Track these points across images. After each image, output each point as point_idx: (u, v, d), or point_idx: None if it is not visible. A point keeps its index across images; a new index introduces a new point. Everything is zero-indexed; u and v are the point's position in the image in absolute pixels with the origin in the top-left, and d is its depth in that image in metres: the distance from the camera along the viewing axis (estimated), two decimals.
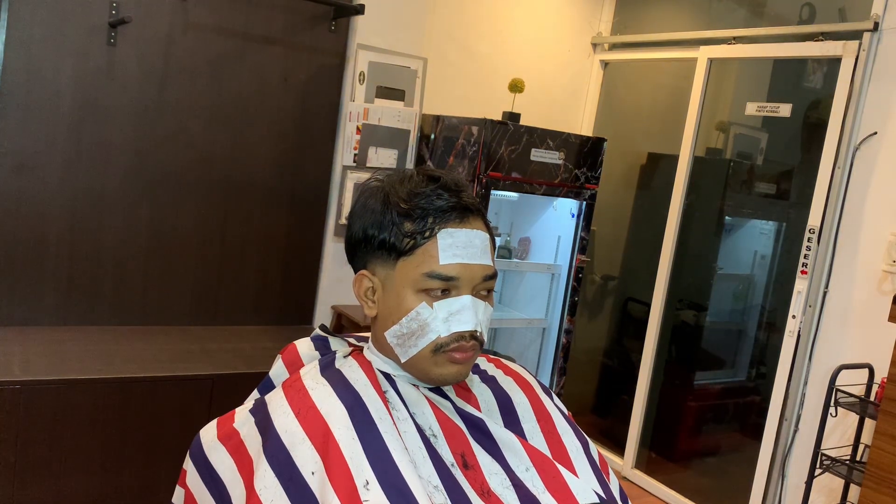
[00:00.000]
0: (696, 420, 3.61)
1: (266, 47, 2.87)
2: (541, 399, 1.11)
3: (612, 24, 3.96)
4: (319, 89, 3.01)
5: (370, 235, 0.99)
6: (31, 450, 2.18)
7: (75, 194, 2.59)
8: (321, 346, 1.13)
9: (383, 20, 3.08)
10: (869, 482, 2.29)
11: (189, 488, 1.02)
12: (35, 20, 2.45)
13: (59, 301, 2.62)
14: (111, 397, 2.28)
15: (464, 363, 0.99)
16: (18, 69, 2.44)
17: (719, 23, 3.54)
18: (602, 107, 4.01)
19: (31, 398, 2.16)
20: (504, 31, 3.63)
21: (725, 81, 3.57)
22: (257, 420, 0.98)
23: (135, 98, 2.65)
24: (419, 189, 0.98)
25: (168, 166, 2.75)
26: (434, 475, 0.93)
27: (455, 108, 3.43)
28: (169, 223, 2.78)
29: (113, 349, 2.49)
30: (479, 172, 2.94)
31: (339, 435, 0.90)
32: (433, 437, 0.97)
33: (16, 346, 2.37)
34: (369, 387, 0.97)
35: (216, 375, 2.45)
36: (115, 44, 2.58)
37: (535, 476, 0.98)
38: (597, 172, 3.30)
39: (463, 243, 0.97)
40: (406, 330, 0.98)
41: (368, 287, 1.02)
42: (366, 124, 3.08)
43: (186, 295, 2.87)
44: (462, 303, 0.97)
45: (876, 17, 2.77)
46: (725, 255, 3.56)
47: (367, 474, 0.87)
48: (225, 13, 2.76)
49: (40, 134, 2.51)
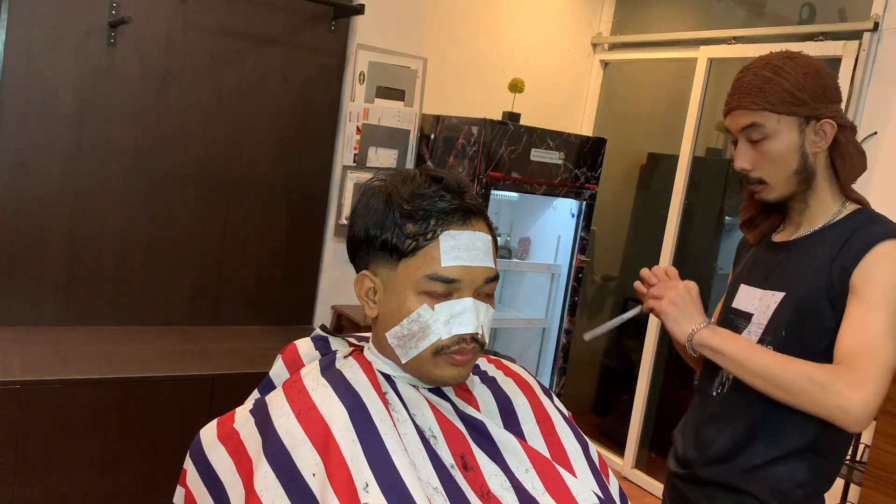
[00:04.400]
0: None
1: (266, 47, 2.87)
2: (541, 400, 1.11)
3: (612, 24, 3.96)
4: (319, 89, 3.01)
5: (372, 236, 0.99)
6: (31, 450, 2.17)
7: (75, 194, 2.59)
8: (321, 346, 1.13)
9: (383, 20, 3.07)
10: (869, 482, 2.29)
11: (189, 488, 1.02)
12: (35, 20, 2.45)
13: (59, 301, 2.62)
14: (111, 397, 2.28)
15: (464, 365, 0.99)
16: (18, 69, 2.44)
17: (719, 23, 3.54)
18: (602, 107, 4.01)
19: (31, 398, 2.16)
20: (504, 31, 3.63)
21: (725, 81, 3.56)
22: (257, 421, 0.98)
23: (135, 98, 2.64)
24: (422, 190, 0.98)
25: (168, 166, 2.75)
26: (434, 477, 0.93)
27: (455, 108, 3.43)
28: (169, 223, 2.78)
29: (113, 349, 2.49)
30: (479, 172, 2.94)
31: (340, 436, 0.90)
32: (433, 438, 0.97)
33: (16, 346, 2.37)
34: (370, 388, 0.97)
35: (216, 375, 2.45)
36: (115, 44, 2.58)
37: (535, 477, 0.98)
38: (597, 172, 3.30)
39: (465, 245, 0.97)
40: (407, 331, 0.98)
41: (370, 287, 1.01)
42: (366, 124, 3.08)
43: (186, 295, 2.87)
44: (463, 305, 0.97)
45: (876, 17, 2.77)
46: (725, 255, 3.56)
47: (366, 476, 0.87)
48: (225, 13, 2.76)
49: (40, 134, 2.51)
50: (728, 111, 1.38)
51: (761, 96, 1.31)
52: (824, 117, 1.31)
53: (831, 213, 1.38)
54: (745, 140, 1.35)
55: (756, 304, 1.40)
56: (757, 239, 1.50)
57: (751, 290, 1.43)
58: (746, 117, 1.33)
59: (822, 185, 1.37)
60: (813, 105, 1.30)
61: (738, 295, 1.46)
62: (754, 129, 1.32)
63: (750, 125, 1.33)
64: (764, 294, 1.39)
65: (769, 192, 1.37)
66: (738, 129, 1.36)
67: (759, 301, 1.40)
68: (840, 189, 1.38)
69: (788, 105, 1.30)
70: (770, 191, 1.37)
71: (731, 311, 1.47)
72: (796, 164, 1.33)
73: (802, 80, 1.30)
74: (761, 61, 1.35)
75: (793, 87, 1.30)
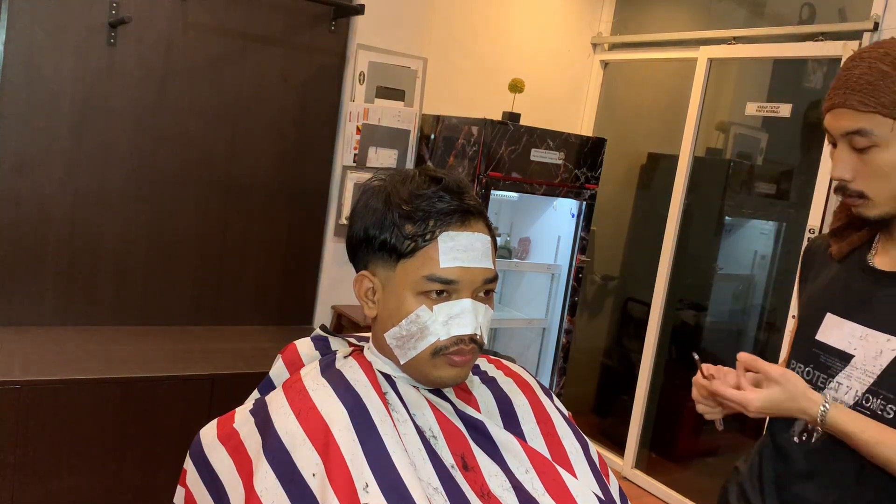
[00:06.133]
0: (696, 420, 3.61)
1: (266, 47, 2.87)
2: (541, 401, 1.11)
3: (612, 24, 3.96)
4: (319, 89, 3.01)
5: (371, 236, 0.99)
6: (31, 450, 2.17)
7: (75, 194, 2.59)
8: (321, 346, 1.13)
9: (383, 20, 3.07)
10: None
11: (189, 488, 1.02)
12: (35, 20, 2.45)
13: (59, 301, 2.62)
14: (111, 397, 2.28)
15: (462, 366, 0.99)
16: (18, 69, 2.44)
17: (719, 23, 3.54)
18: (602, 107, 4.01)
19: (31, 398, 2.16)
20: (504, 31, 3.63)
21: (725, 81, 3.57)
22: (257, 421, 0.98)
23: (135, 98, 2.64)
24: (421, 190, 0.98)
25: (168, 166, 2.75)
26: (434, 477, 0.93)
27: (455, 108, 3.43)
28: (169, 223, 2.78)
29: (113, 349, 2.49)
30: (479, 172, 2.94)
31: (340, 436, 0.90)
32: (433, 438, 0.97)
33: (16, 346, 2.37)
34: (370, 388, 0.97)
35: (216, 375, 2.45)
36: (115, 44, 2.58)
37: (535, 478, 0.98)
38: (597, 172, 3.30)
39: (464, 246, 0.97)
40: (405, 332, 0.98)
41: (369, 288, 1.02)
42: (366, 124, 3.08)
43: (186, 295, 2.87)
44: (462, 306, 0.97)
45: (876, 17, 2.77)
46: (725, 255, 3.56)
47: (366, 476, 0.87)
48: (225, 13, 2.76)
49: (40, 134, 2.51)
50: (830, 107, 1.14)
51: (874, 95, 1.08)
52: None
53: None
54: (848, 145, 1.12)
55: (856, 343, 1.17)
56: (843, 253, 1.26)
57: (845, 324, 1.19)
58: (853, 120, 1.10)
59: None
60: None
61: (824, 325, 1.23)
62: (861, 135, 1.10)
63: (856, 131, 1.10)
64: (869, 334, 1.16)
65: (870, 209, 1.15)
66: (840, 133, 1.13)
67: (862, 342, 1.16)
68: None
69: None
70: (872, 207, 1.14)
71: (815, 344, 1.24)
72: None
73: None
74: (879, 50, 1.11)
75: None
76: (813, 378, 1.23)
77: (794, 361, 1.29)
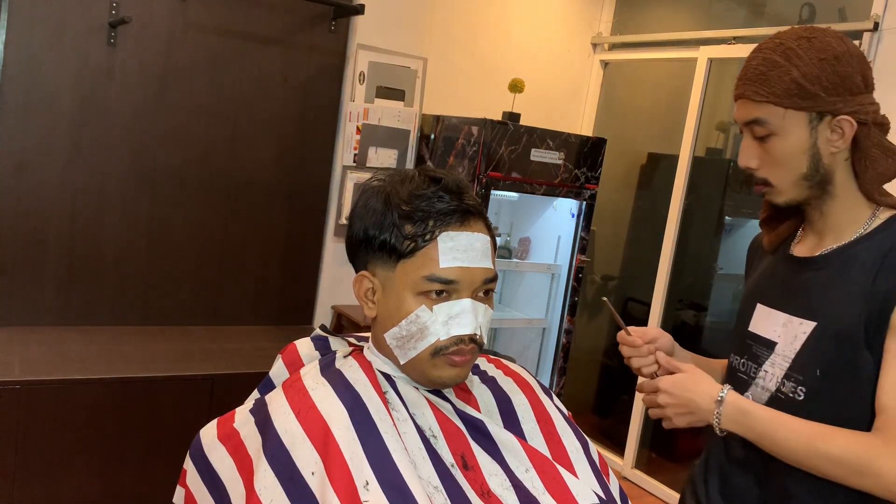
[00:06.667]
0: None
1: (266, 47, 2.87)
2: (541, 400, 1.11)
3: (612, 24, 3.96)
4: (319, 89, 3.01)
5: (371, 236, 0.99)
6: (31, 450, 2.17)
7: (75, 194, 2.59)
8: (321, 346, 1.13)
9: (383, 20, 3.07)
10: None
11: (189, 488, 1.02)
12: (35, 20, 2.45)
13: (59, 301, 2.62)
14: (111, 397, 2.28)
15: (462, 366, 0.99)
16: (18, 69, 2.44)
17: (719, 23, 3.54)
18: (602, 107, 4.01)
19: (31, 398, 2.16)
20: (504, 31, 3.63)
21: (725, 81, 3.57)
22: (257, 420, 0.98)
23: (135, 98, 2.65)
24: (420, 191, 0.98)
25: (168, 166, 2.75)
26: (434, 476, 0.93)
27: (455, 108, 3.43)
28: (169, 223, 2.78)
29: (113, 349, 2.49)
30: (479, 172, 2.94)
31: (340, 435, 0.90)
32: (433, 437, 0.97)
33: (16, 346, 2.37)
34: (369, 387, 0.97)
35: (216, 375, 2.45)
36: (115, 44, 2.58)
37: (535, 477, 0.98)
38: (597, 172, 3.30)
39: (464, 246, 0.97)
40: (405, 332, 0.98)
41: (368, 288, 1.02)
42: (366, 124, 3.08)
43: (186, 295, 2.87)
44: (462, 306, 0.97)
45: (876, 17, 2.77)
46: (725, 255, 3.56)
47: (367, 475, 0.87)
48: (225, 13, 2.76)
49: (40, 133, 2.51)
50: (735, 98, 1.19)
51: (766, 86, 1.11)
52: (842, 113, 1.10)
53: (861, 222, 1.16)
54: (750, 134, 1.17)
55: (779, 330, 1.20)
56: (773, 244, 1.29)
57: (771, 313, 1.23)
58: (750, 110, 1.15)
59: (844, 190, 1.16)
60: (827, 98, 1.10)
61: (755, 316, 1.26)
62: (758, 125, 1.14)
63: (753, 120, 1.15)
64: (789, 320, 1.19)
65: (776, 196, 1.19)
66: (742, 122, 1.18)
67: (783, 328, 1.20)
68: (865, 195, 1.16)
69: (796, 98, 1.10)
70: (777, 194, 1.18)
71: (748, 335, 1.27)
72: (806, 166, 1.13)
73: (816, 68, 1.09)
74: (775, 40, 1.14)
75: (802, 77, 1.09)
76: (747, 369, 1.27)
77: (732, 354, 1.32)
